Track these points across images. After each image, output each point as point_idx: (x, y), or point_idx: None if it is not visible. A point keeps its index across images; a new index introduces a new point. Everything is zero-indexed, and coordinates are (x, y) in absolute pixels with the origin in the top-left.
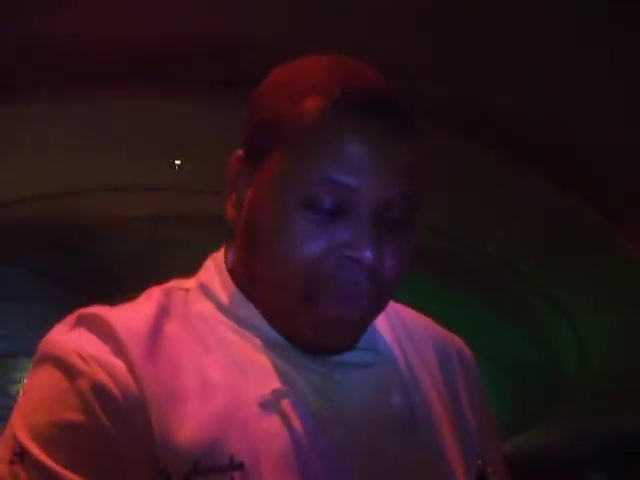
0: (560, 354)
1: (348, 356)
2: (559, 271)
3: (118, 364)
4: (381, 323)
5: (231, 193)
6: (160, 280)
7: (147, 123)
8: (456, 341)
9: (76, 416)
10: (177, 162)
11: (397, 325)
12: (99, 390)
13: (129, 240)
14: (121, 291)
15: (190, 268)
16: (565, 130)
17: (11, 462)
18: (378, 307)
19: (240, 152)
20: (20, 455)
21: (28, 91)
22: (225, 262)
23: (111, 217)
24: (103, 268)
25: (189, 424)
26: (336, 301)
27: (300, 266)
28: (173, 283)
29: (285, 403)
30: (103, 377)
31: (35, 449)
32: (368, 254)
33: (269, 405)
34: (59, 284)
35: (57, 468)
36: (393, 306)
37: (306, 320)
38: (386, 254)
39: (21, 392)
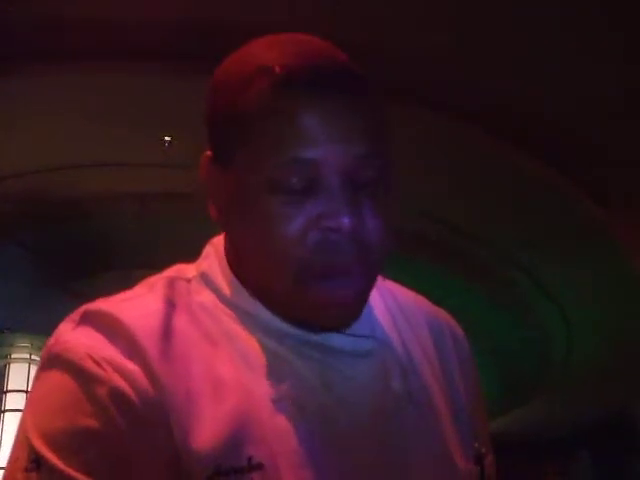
0: (548, 338)
1: (349, 345)
2: (549, 258)
3: (133, 367)
4: (378, 306)
5: (209, 195)
6: (148, 257)
7: (136, 99)
8: (447, 318)
9: (93, 423)
10: (167, 138)
11: (393, 306)
12: (117, 396)
13: (118, 217)
14: (109, 268)
15: (178, 245)
16: (560, 119)
17: (27, 469)
18: (370, 279)
19: (208, 152)
20: (36, 462)
21: (13, 66)
22: (225, 248)
23: (100, 194)
24: (91, 244)
25: (207, 426)
26: (327, 283)
27: (285, 250)
28: (174, 272)
29: (295, 399)
30: (120, 383)
31: (51, 456)
32: (346, 220)
33: (280, 402)
34: (46, 260)
35: (75, 474)
36: (386, 285)
37: (301, 305)
38: (366, 216)
39: (30, 395)
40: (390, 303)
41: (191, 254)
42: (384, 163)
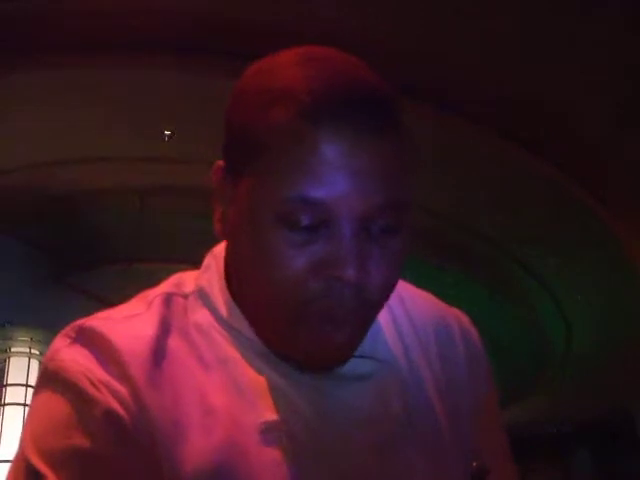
0: (547, 334)
1: (347, 367)
2: (549, 254)
3: (125, 392)
4: (384, 317)
5: (216, 207)
6: (148, 251)
7: (137, 93)
8: (458, 317)
9: (88, 443)
10: (167, 132)
11: (399, 314)
12: (112, 418)
13: (118, 211)
14: (109, 262)
15: (178, 239)
16: (553, 112)
17: None
18: (369, 322)
19: (220, 163)
20: (33, 476)
21: (14, 60)
22: (225, 262)
23: (100, 188)
24: (91, 239)
25: (193, 457)
26: (322, 329)
27: (283, 290)
28: (173, 285)
29: (286, 430)
30: (115, 405)
31: (48, 472)
32: (350, 272)
33: (270, 433)
34: (46, 254)
35: None
36: (396, 289)
37: (295, 344)
38: (372, 268)
39: (29, 410)
40: (397, 310)
41: (190, 247)
42: (404, 210)
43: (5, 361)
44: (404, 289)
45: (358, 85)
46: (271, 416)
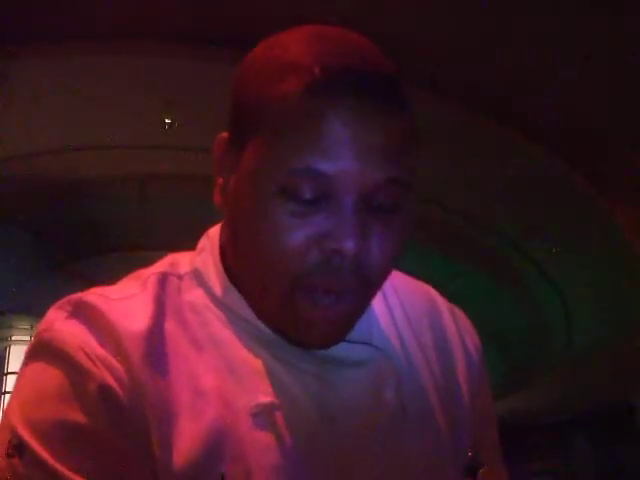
0: (549, 323)
1: (343, 352)
2: (549, 242)
3: (122, 369)
4: (378, 306)
5: (218, 177)
6: (148, 238)
7: (137, 81)
8: (452, 310)
9: (81, 417)
10: (167, 121)
11: (394, 303)
12: (106, 393)
13: (118, 199)
14: (109, 250)
15: (178, 227)
16: (560, 108)
17: (9, 455)
18: (366, 300)
19: (224, 134)
20: (18, 448)
21: (16, 48)
22: (220, 242)
23: (101, 176)
24: (92, 227)
25: (182, 441)
26: (318, 302)
27: (282, 262)
28: (167, 265)
29: (278, 414)
30: (111, 381)
31: (36, 445)
32: (350, 245)
33: (262, 416)
34: (47, 242)
35: (58, 466)
36: (390, 279)
37: (289, 319)
38: (372, 243)
39: (18, 379)
40: (391, 300)
41: (190, 236)
42: (406, 189)
43: (6, 349)
44: (398, 279)
45: (368, 63)
46: (263, 398)
